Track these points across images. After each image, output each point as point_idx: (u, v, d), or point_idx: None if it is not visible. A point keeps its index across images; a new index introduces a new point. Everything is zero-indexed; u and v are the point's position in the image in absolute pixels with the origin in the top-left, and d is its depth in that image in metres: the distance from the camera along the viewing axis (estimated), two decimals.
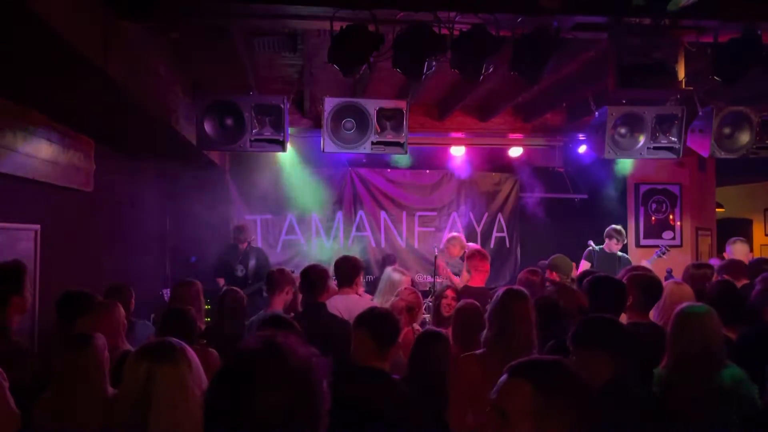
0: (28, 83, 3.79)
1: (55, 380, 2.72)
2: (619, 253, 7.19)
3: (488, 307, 3.17)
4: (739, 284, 4.22)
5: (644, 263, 6.03)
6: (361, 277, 4.53)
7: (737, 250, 5.91)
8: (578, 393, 1.56)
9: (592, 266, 6.93)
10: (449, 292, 4.77)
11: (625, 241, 7.28)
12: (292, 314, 4.14)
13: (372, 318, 2.86)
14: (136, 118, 4.67)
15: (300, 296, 4.36)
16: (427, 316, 5.58)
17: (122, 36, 3.82)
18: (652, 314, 3.62)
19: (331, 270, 4.51)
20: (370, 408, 2.40)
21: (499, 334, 2.98)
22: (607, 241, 7.17)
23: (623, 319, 3.47)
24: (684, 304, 2.88)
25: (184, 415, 1.81)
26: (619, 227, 7.22)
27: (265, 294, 6.33)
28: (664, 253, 7.39)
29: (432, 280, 6.57)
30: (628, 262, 7.18)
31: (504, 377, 1.60)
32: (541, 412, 1.50)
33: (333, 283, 4.74)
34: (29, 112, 4.32)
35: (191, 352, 1.93)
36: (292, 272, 4.68)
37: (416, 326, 4.35)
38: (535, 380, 1.54)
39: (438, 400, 2.97)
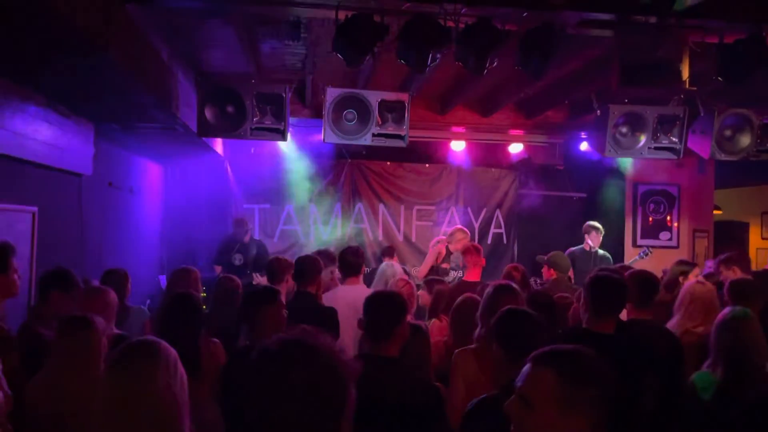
0: (29, 63, 3.75)
1: (51, 360, 2.71)
2: (600, 252, 7.17)
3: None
4: None
5: (627, 265, 5.96)
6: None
7: None
8: (601, 380, 1.61)
9: (573, 268, 6.88)
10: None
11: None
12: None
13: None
14: (136, 101, 4.64)
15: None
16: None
17: (124, 18, 3.79)
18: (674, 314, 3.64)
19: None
20: (384, 395, 2.41)
21: (489, 330, 2.95)
22: (586, 237, 7.15)
23: (623, 315, 3.47)
24: (729, 309, 2.89)
25: (148, 408, 1.82)
26: (594, 222, 7.21)
27: (255, 282, 6.37)
28: (647, 254, 7.39)
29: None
30: (607, 259, 7.15)
31: (528, 366, 1.66)
32: (566, 400, 1.57)
33: (335, 275, 4.74)
34: (29, 92, 4.29)
35: (166, 349, 1.93)
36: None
37: (409, 317, 4.33)
38: (560, 368, 1.60)
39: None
